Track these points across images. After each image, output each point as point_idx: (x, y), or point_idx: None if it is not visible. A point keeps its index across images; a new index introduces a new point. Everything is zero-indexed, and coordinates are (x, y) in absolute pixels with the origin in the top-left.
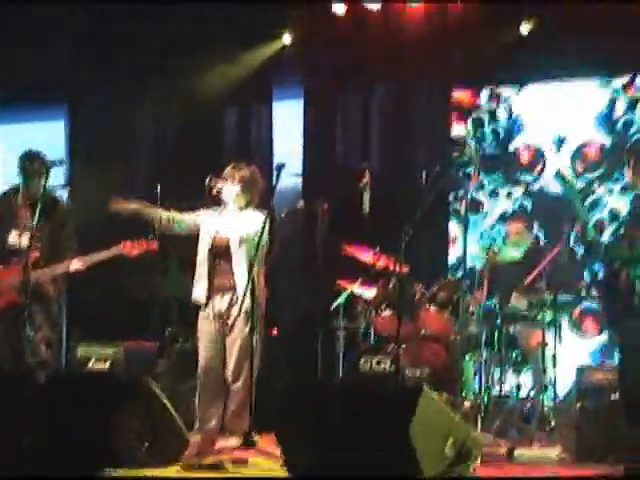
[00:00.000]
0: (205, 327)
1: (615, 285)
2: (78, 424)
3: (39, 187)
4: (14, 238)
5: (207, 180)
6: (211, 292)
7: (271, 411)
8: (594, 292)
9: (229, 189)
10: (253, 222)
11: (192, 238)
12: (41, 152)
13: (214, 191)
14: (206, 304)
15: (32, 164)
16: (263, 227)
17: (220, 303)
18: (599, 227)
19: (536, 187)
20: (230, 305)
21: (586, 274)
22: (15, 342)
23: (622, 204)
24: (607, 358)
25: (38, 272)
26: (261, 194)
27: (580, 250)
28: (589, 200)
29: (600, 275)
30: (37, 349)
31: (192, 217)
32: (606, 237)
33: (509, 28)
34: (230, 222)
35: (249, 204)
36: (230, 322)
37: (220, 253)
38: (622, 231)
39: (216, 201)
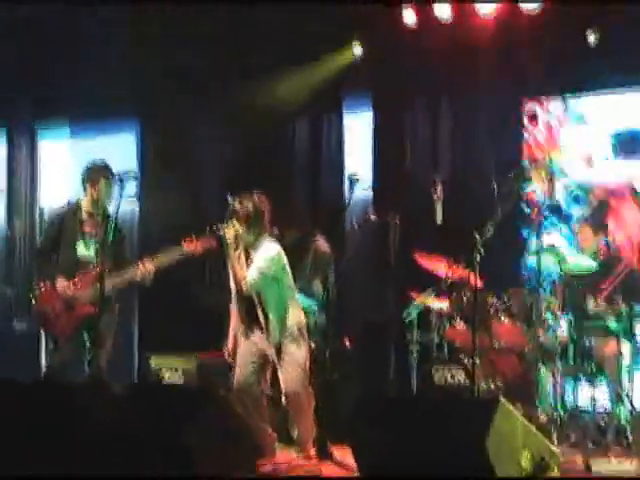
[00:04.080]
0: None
1: None
2: (152, 436)
3: (105, 199)
4: (82, 250)
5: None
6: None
7: (345, 424)
8: None
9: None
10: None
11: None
12: (106, 162)
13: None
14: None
15: (98, 175)
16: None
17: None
18: None
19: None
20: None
21: None
22: (82, 355)
23: None
24: None
25: (109, 282)
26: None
27: None
28: None
29: None
30: (101, 360)
31: None
32: None
33: (582, 35)
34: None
35: (260, 239)
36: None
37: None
38: None
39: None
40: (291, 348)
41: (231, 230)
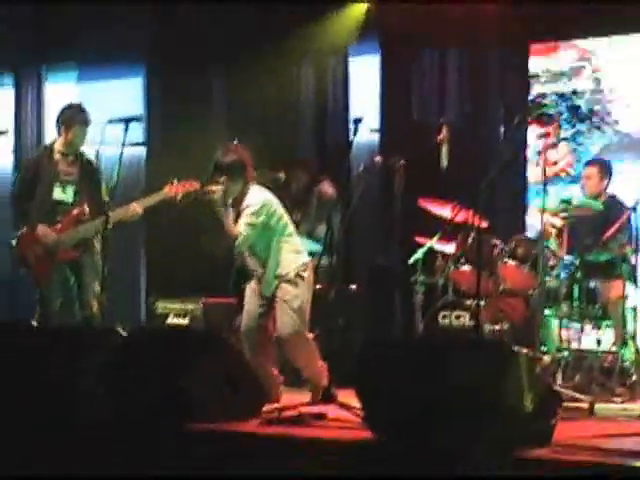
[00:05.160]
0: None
1: None
2: (157, 378)
3: (78, 142)
4: (59, 193)
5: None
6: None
7: (350, 366)
8: None
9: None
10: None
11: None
12: (83, 107)
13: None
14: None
15: (72, 116)
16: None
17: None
18: None
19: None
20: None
21: None
22: (69, 296)
23: None
24: None
25: (90, 225)
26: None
27: None
28: None
29: None
30: (89, 303)
31: None
32: None
33: None
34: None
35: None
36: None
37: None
38: None
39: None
40: (286, 293)
41: (216, 186)
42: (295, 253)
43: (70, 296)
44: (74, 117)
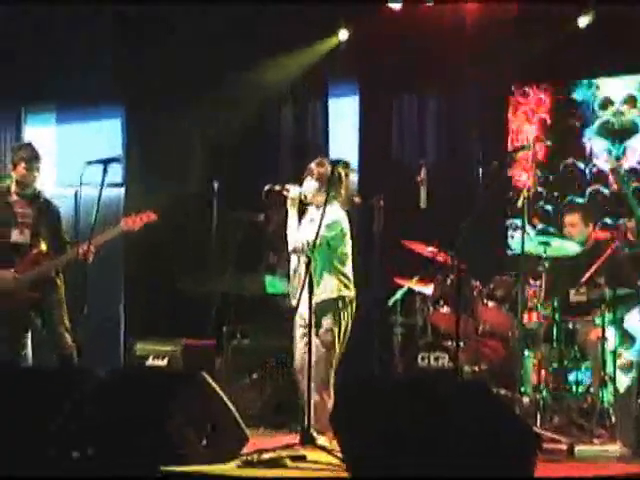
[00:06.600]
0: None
1: None
2: (135, 420)
3: (29, 180)
4: (16, 235)
5: (269, 185)
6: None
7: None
8: None
9: (308, 184)
10: (328, 219)
11: (248, 235)
12: (29, 143)
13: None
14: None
15: (21, 155)
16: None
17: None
18: None
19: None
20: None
21: None
22: (39, 338)
23: None
24: None
25: (49, 264)
26: (343, 192)
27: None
28: None
29: None
30: (62, 341)
31: None
32: None
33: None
34: (307, 222)
35: (328, 202)
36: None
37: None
38: None
39: (275, 204)
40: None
41: (295, 189)
42: (340, 283)
43: (40, 337)
44: (23, 155)
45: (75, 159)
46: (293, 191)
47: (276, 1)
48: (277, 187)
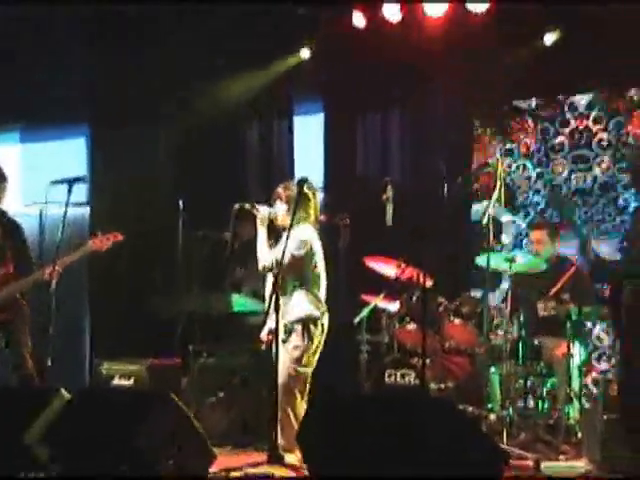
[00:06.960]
0: None
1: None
2: (100, 439)
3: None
4: None
5: (239, 204)
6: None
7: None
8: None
9: (278, 208)
10: (296, 239)
11: (214, 254)
12: None
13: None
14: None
15: None
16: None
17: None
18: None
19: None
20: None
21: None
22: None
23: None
24: None
25: (15, 285)
26: (312, 212)
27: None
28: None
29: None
30: (24, 362)
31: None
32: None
33: (532, 40)
34: (282, 241)
35: (298, 222)
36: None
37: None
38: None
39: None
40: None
41: (265, 209)
42: (310, 303)
43: (2, 357)
44: None
45: (39, 178)
46: (263, 211)
47: (240, 17)
48: (247, 206)
